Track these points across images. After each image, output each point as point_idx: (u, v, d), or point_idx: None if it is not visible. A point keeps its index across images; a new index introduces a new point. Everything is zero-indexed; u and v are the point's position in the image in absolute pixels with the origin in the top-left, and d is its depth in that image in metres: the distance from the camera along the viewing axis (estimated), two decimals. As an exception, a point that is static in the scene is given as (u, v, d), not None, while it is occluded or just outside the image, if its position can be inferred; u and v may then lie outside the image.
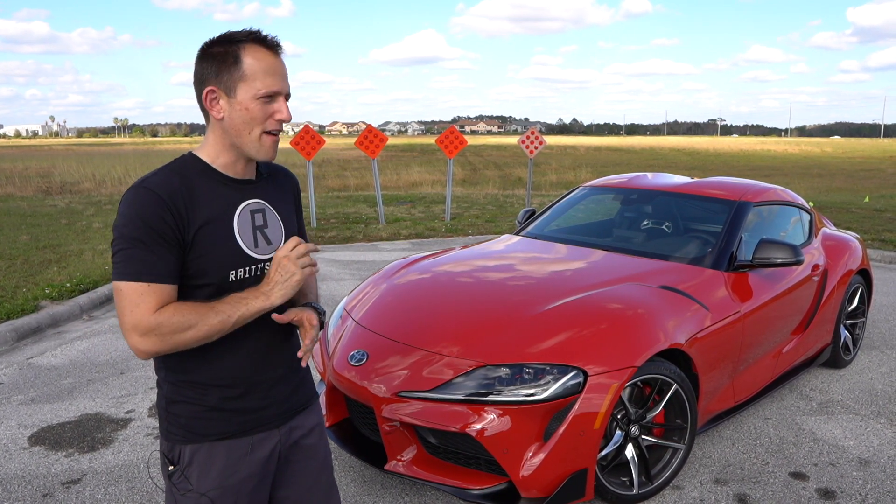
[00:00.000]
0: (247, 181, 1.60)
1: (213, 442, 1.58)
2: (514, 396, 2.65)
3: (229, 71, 1.46)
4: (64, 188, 19.45)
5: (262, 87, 1.47)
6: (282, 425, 1.67)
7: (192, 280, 1.50)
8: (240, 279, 1.54)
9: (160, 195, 1.43)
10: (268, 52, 1.49)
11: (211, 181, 1.53)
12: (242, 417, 1.60)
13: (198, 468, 1.58)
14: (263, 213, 1.60)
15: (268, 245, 1.59)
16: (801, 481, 3.19)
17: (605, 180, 5.00)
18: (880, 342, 5.24)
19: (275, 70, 1.49)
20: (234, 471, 1.59)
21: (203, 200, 1.50)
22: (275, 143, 1.54)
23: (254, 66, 1.46)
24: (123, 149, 56.96)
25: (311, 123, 15.36)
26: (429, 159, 34.19)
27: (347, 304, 3.60)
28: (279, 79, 1.49)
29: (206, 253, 1.49)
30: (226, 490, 1.58)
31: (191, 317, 1.44)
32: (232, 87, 1.47)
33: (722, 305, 3.39)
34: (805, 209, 4.68)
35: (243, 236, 1.54)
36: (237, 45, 1.47)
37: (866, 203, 13.58)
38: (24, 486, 3.09)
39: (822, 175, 29.21)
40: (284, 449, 1.69)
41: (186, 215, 1.46)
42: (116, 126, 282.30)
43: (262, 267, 1.58)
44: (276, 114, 1.50)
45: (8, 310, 5.45)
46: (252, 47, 1.47)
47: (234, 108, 1.48)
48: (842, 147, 70.40)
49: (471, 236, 9.91)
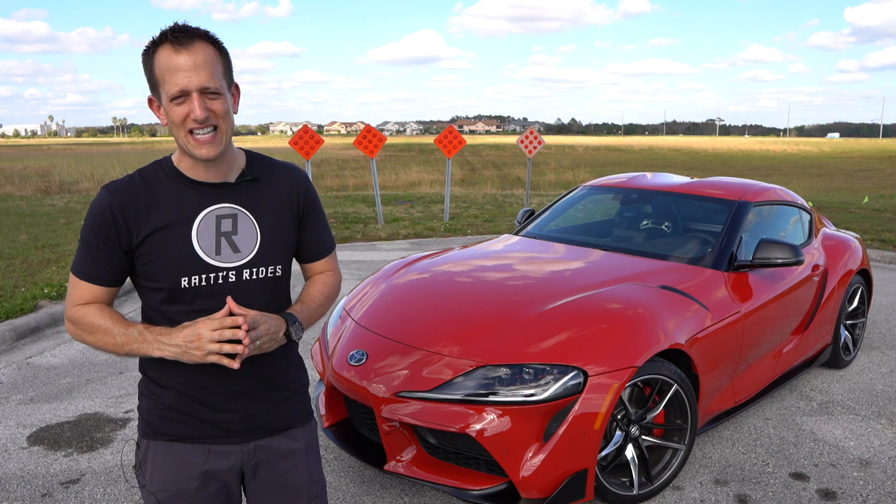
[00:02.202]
0: (220, 184, 1.54)
1: (168, 441, 1.58)
2: (513, 397, 2.64)
3: (151, 79, 1.45)
4: (63, 188, 19.41)
5: (170, 90, 1.41)
6: (245, 442, 1.61)
7: (145, 282, 1.52)
8: (194, 286, 1.49)
9: (112, 199, 1.48)
10: (172, 51, 1.40)
11: (177, 185, 1.52)
12: (199, 424, 1.57)
13: (151, 465, 1.58)
14: (234, 218, 1.53)
15: (234, 253, 1.52)
16: (802, 482, 3.18)
17: (605, 180, 5.00)
18: (880, 342, 5.24)
19: (178, 67, 1.40)
20: (185, 476, 1.57)
21: (163, 204, 1.50)
22: (205, 143, 1.45)
23: (161, 69, 1.41)
24: (122, 148, 56.92)
25: (309, 123, 15.31)
26: (427, 159, 34.20)
27: (347, 303, 3.60)
28: (183, 75, 1.40)
29: (158, 258, 1.48)
30: (175, 494, 1.57)
31: (100, 324, 1.48)
32: (157, 94, 1.46)
33: (722, 305, 3.38)
34: (805, 209, 4.68)
35: (202, 242, 1.50)
36: (152, 51, 1.43)
37: (866, 203, 13.58)
38: (22, 486, 3.08)
39: (821, 175, 29.23)
40: (249, 468, 1.63)
41: (135, 222, 1.47)
42: (115, 125, 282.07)
43: (223, 275, 1.51)
44: (190, 113, 1.42)
45: (7, 309, 5.44)
46: (160, 49, 1.41)
47: (166, 114, 1.46)
48: (840, 147, 70.45)
49: (470, 236, 9.90)
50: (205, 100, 1.43)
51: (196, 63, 1.40)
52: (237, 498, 1.68)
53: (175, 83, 1.40)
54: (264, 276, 1.57)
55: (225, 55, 1.49)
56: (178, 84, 1.40)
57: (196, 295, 1.50)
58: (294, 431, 1.68)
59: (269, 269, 1.58)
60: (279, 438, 1.65)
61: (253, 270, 1.55)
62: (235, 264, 1.53)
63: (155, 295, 1.51)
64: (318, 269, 1.77)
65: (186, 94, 1.41)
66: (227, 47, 1.50)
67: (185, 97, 1.42)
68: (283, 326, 1.55)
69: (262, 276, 1.56)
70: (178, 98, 1.41)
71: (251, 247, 1.55)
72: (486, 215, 12.04)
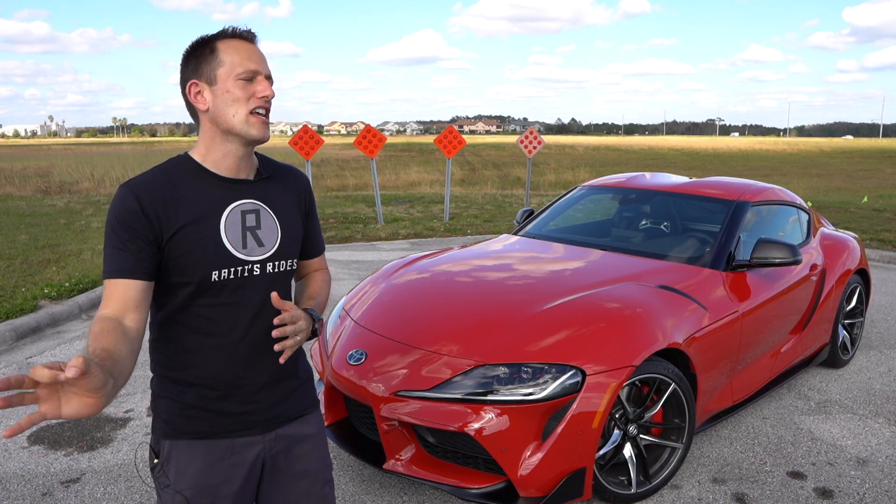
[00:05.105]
0: (241, 181, 1.58)
1: (192, 440, 1.59)
2: (512, 396, 2.65)
3: (208, 63, 1.50)
4: (63, 188, 19.43)
5: (240, 69, 1.50)
6: (267, 432, 1.65)
7: (173, 278, 1.51)
8: (223, 279, 1.53)
9: (139, 194, 1.47)
10: (242, 41, 1.53)
11: (201, 181, 1.54)
12: (223, 419, 1.59)
13: (175, 465, 1.58)
14: (257, 213, 1.58)
15: (258, 247, 1.57)
16: (800, 480, 3.19)
17: (604, 180, 5.01)
18: (878, 342, 5.25)
19: (250, 53, 1.52)
20: (211, 472, 1.59)
21: (189, 200, 1.51)
22: (263, 123, 1.54)
23: (230, 53, 1.50)
24: (122, 148, 56.90)
25: (309, 123, 15.31)
26: (427, 159, 34.21)
27: (346, 303, 3.61)
28: (256, 61, 1.52)
29: (188, 252, 1.49)
30: (202, 490, 1.58)
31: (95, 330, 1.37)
32: (212, 76, 1.50)
33: (720, 305, 3.39)
34: (803, 209, 4.69)
35: (230, 236, 1.53)
36: (213, 42, 1.52)
37: (865, 203, 13.59)
38: (23, 486, 3.09)
39: (820, 175, 29.24)
40: (270, 457, 1.67)
41: (165, 215, 1.48)
42: (115, 126, 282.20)
43: (249, 268, 1.56)
44: (259, 92, 1.51)
45: (7, 309, 5.45)
46: (226, 40, 1.52)
47: (216, 95, 1.50)
48: (840, 147, 70.43)
49: (469, 236, 9.91)
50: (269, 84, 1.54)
51: (261, 56, 1.55)
52: (257, 488, 1.70)
53: (247, 65, 1.51)
54: (284, 270, 1.64)
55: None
56: (251, 66, 1.51)
57: (223, 288, 1.53)
58: (308, 417, 1.75)
59: (288, 263, 1.65)
60: (296, 425, 1.71)
61: (276, 264, 1.61)
62: (261, 258, 1.58)
63: (179, 291, 1.52)
64: (315, 266, 1.86)
65: (256, 75, 1.52)
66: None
67: (252, 80, 1.51)
68: (311, 322, 1.61)
69: (282, 270, 1.63)
70: (245, 79, 1.50)
71: (273, 241, 1.60)
72: (486, 215, 12.05)
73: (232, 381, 1.59)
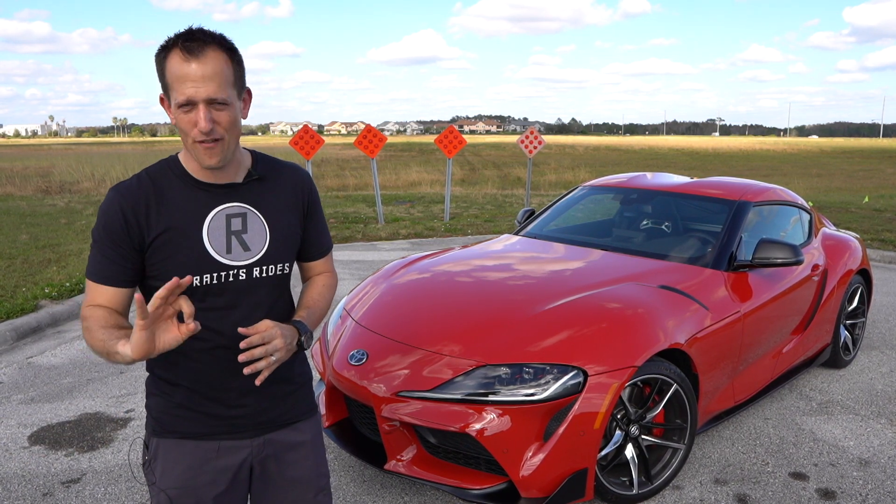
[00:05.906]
0: (226, 185, 1.56)
1: (179, 439, 1.59)
2: (513, 396, 2.64)
3: (162, 80, 1.45)
4: (63, 188, 19.42)
5: (178, 97, 1.41)
6: (255, 437, 1.63)
7: (156, 281, 1.51)
8: (206, 285, 1.51)
9: (122, 200, 1.48)
10: (182, 58, 1.39)
11: (185, 185, 1.53)
12: (210, 421, 1.59)
13: (162, 462, 1.59)
14: (244, 217, 1.56)
15: (244, 251, 1.55)
16: (801, 481, 3.19)
17: (605, 180, 5.00)
18: (880, 342, 5.25)
19: (186, 77, 1.39)
20: (196, 473, 1.58)
21: (173, 205, 1.51)
22: (210, 151, 1.45)
23: (171, 75, 1.41)
24: (122, 148, 56.92)
25: (309, 123, 15.31)
26: (428, 159, 34.20)
27: (347, 303, 3.60)
28: (191, 85, 1.39)
29: (169, 257, 1.49)
30: (186, 491, 1.58)
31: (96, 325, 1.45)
32: (168, 96, 1.46)
33: (722, 305, 3.39)
34: (805, 209, 4.68)
35: (213, 241, 1.52)
36: (163, 56, 1.42)
37: (866, 203, 13.58)
38: (23, 486, 3.09)
39: (821, 175, 29.24)
40: (258, 462, 1.65)
41: (147, 221, 1.48)
42: (115, 125, 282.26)
43: (234, 273, 1.54)
44: (197, 123, 1.41)
45: (7, 309, 5.44)
46: (172, 55, 1.41)
47: (174, 117, 1.46)
48: (840, 147, 70.40)
49: (470, 236, 9.91)
50: (211, 111, 1.42)
51: (205, 74, 1.39)
52: (247, 493, 1.69)
53: (182, 92, 1.40)
54: (273, 274, 1.60)
55: (237, 61, 1.48)
56: (186, 94, 1.40)
57: (207, 293, 1.52)
58: (301, 424, 1.71)
59: (278, 267, 1.61)
60: (287, 432, 1.68)
61: (263, 268, 1.58)
62: (246, 262, 1.55)
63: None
64: (318, 269, 1.80)
65: (193, 104, 1.41)
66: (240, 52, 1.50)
67: (192, 106, 1.41)
68: (296, 336, 1.57)
69: (271, 274, 1.60)
70: (185, 106, 1.41)
71: (261, 245, 1.57)
72: (487, 215, 12.05)
73: (219, 385, 1.58)
